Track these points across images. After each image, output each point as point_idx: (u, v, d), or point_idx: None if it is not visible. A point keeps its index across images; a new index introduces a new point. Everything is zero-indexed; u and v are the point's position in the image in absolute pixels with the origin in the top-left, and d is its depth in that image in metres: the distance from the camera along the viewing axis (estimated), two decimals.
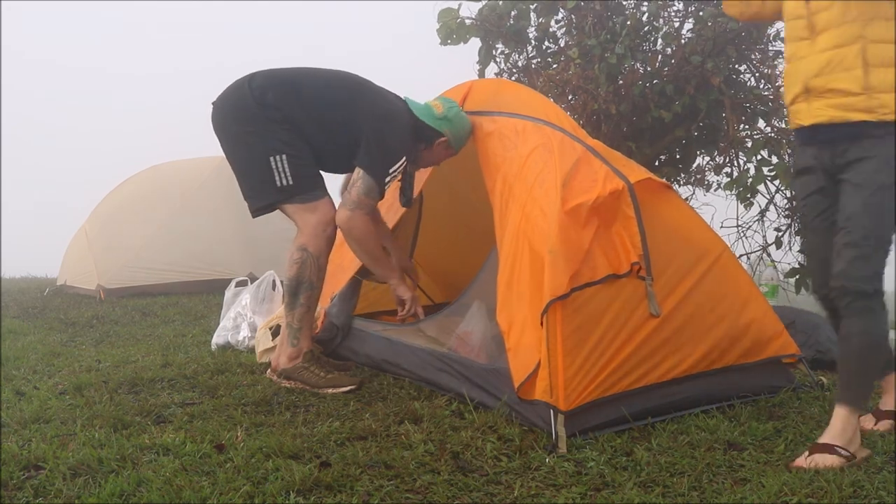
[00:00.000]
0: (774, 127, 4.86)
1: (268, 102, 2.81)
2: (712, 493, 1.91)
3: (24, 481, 1.93)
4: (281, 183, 2.79)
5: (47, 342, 4.11)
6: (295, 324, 2.90)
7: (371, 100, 2.91)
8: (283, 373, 2.89)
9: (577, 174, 2.63)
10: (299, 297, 2.87)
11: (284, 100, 2.83)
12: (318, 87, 2.91)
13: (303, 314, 2.90)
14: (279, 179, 2.79)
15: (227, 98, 2.91)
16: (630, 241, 2.54)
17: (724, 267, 2.75)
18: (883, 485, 1.95)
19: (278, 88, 2.85)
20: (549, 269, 2.37)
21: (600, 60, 4.81)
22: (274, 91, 2.83)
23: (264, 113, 2.80)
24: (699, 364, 2.55)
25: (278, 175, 2.78)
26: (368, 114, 2.85)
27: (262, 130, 2.80)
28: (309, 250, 2.83)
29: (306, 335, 2.93)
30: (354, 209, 2.79)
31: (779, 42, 4.89)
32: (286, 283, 2.88)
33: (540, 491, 1.90)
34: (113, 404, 2.61)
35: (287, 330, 2.92)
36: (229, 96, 2.90)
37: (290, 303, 2.89)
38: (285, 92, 2.85)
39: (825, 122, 2.23)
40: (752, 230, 5.31)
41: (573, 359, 2.28)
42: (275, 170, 2.78)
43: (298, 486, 1.88)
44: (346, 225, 2.81)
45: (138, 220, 6.32)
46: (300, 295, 2.87)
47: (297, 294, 2.87)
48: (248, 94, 2.83)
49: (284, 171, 2.78)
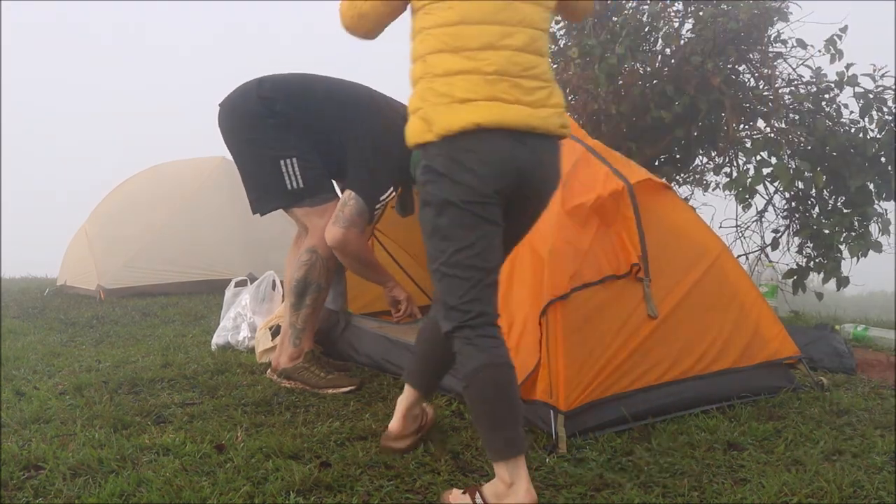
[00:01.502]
0: (774, 127, 4.87)
1: (277, 110, 2.82)
2: (712, 494, 1.91)
3: (24, 481, 1.93)
4: (292, 186, 2.80)
5: (47, 342, 4.11)
6: (299, 324, 2.90)
7: (372, 120, 2.87)
8: (284, 373, 2.89)
9: (576, 174, 2.63)
10: (306, 299, 2.88)
11: (293, 107, 2.84)
12: (325, 96, 2.91)
13: (308, 315, 2.90)
14: (290, 183, 2.80)
15: (235, 102, 2.90)
16: (630, 241, 2.54)
17: (722, 267, 2.76)
18: (883, 485, 1.96)
19: (288, 97, 2.86)
20: (549, 270, 2.37)
21: (600, 61, 4.81)
22: (283, 100, 2.84)
23: (274, 119, 2.82)
24: (698, 365, 2.55)
25: (289, 178, 2.79)
26: (367, 133, 2.84)
27: (273, 135, 2.82)
28: (319, 252, 2.84)
29: (308, 336, 2.93)
30: (349, 227, 2.79)
31: (779, 43, 4.90)
32: (294, 284, 2.88)
33: (540, 491, 1.90)
34: (113, 404, 2.61)
35: (290, 330, 2.92)
36: (237, 100, 2.90)
37: (295, 303, 2.89)
38: (295, 100, 2.86)
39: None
40: (750, 230, 5.32)
41: (573, 359, 2.28)
42: (285, 173, 2.79)
43: (298, 486, 1.88)
44: (341, 243, 2.80)
45: (139, 220, 6.31)
46: (307, 296, 2.87)
47: (304, 295, 2.87)
48: (257, 101, 2.84)
49: (295, 174, 2.79)
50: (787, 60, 4.91)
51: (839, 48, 4.67)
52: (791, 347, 2.83)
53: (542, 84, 1.85)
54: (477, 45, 1.79)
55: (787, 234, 5.13)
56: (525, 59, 1.82)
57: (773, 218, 5.23)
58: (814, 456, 2.15)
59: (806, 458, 2.13)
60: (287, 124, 2.82)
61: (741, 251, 5.27)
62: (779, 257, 5.14)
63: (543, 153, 1.87)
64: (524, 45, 1.82)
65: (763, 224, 5.29)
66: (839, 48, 4.67)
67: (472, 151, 1.77)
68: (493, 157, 1.78)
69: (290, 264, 3.01)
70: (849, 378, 3.16)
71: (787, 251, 5.14)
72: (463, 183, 1.77)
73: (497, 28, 1.80)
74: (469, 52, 1.80)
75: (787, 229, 5.14)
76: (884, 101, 4.57)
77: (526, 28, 1.84)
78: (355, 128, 2.86)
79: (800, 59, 4.86)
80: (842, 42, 4.68)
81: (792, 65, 4.91)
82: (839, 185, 4.75)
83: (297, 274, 2.86)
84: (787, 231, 5.13)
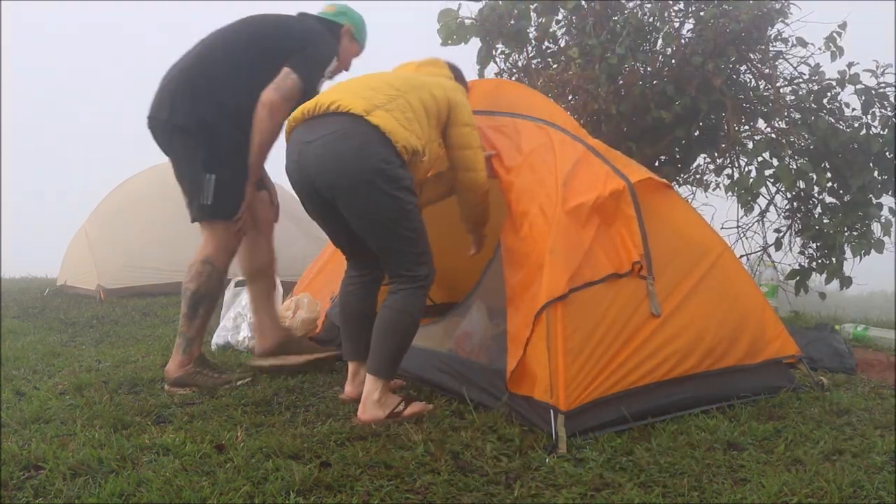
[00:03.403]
0: (775, 127, 4.86)
1: (230, 108, 2.84)
2: (712, 494, 1.91)
3: (24, 481, 1.93)
4: (205, 201, 2.84)
5: (47, 342, 4.11)
6: (190, 333, 2.91)
7: (292, 26, 3.00)
8: (177, 381, 2.88)
9: (577, 174, 2.63)
10: (199, 310, 2.90)
11: (239, 98, 2.85)
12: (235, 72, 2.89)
13: (200, 325, 2.92)
14: (203, 197, 2.84)
15: (174, 108, 2.86)
16: (631, 240, 2.54)
17: (724, 267, 2.75)
18: (883, 485, 1.96)
19: (235, 89, 2.85)
20: (548, 270, 2.37)
21: (600, 60, 4.81)
22: (232, 94, 2.85)
23: (220, 125, 2.84)
24: (700, 364, 2.55)
25: (204, 193, 2.84)
26: (297, 39, 2.92)
27: (203, 144, 2.83)
28: (214, 265, 2.89)
29: (198, 344, 2.95)
30: (286, 99, 2.81)
31: (779, 43, 4.89)
32: (190, 294, 2.89)
33: (540, 491, 1.90)
34: (113, 404, 2.61)
35: (180, 339, 2.92)
36: (179, 104, 2.85)
37: (189, 314, 2.90)
38: (240, 87, 2.86)
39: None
40: (752, 231, 5.32)
41: (574, 358, 2.28)
42: (204, 187, 2.83)
43: (298, 486, 1.88)
44: (275, 106, 2.81)
45: (139, 220, 6.31)
46: (201, 307, 2.90)
47: (197, 306, 2.89)
48: (210, 102, 2.84)
49: (209, 190, 2.83)
50: (788, 59, 4.91)
51: (839, 45, 4.68)
52: (792, 347, 2.83)
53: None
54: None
55: (790, 234, 5.13)
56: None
57: (774, 218, 5.23)
58: (814, 456, 2.15)
59: (806, 458, 2.13)
60: (213, 134, 2.84)
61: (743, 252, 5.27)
62: (781, 258, 5.14)
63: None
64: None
65: (765, 224, 5.29)
66: (839, 45, 4.68)
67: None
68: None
69: (237, 256, 3.07)
70: (849, 378, 3.16)
71: (790, 251, 5.14)
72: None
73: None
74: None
75: (788, 229, 5.13)
76: (886, 97, 4.57)
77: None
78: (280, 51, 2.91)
79: (800, 57, 4.86)
80: (841, 39, 4.68)
81: (792, 63, 4.91)
82: (841, 184, 4.75)
83: (190, 284, 2.89)
84: (789, 231, 5.13)
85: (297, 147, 2.50)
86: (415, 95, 2.52)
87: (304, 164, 2.47)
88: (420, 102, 2.52)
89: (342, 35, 3.12)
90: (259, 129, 2.85)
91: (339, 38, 3.11)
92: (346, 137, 2.38)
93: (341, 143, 2.38)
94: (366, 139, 2.38)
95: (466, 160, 2.63)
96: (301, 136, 2.49)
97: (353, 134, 2.38)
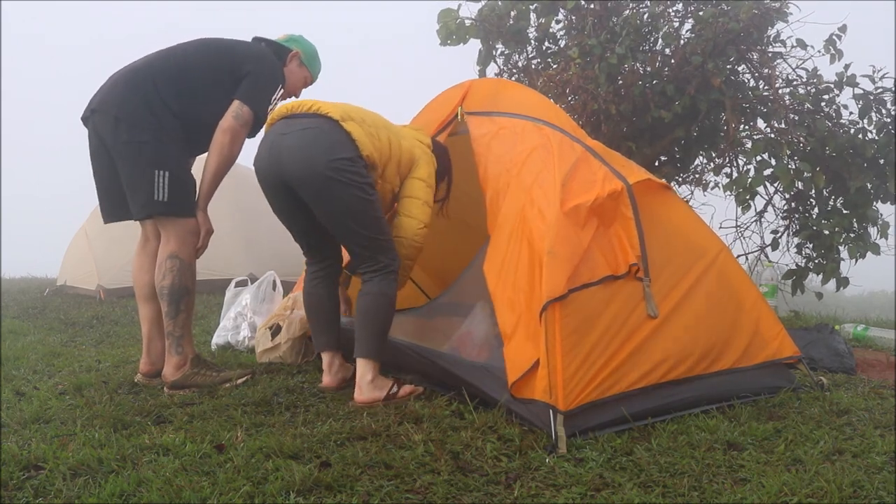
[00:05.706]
0: (774, 128, 4.87)
1: (174, 110, 2.85)
2: (712, 494, 1.91)
3: (24, 481, 1.93)
4: (158, 198, 2.82)
5: (47, 342, 4.11)
6: (177, 331, 2.90)
7: (243, 49, 3.02)
8: (175, 384, 2.88)
9: (576, 175, 2.63)
10: (181, 304, 2.89)
11: (183, 104, 2.86)
12: (202, 75, 2.93)
13: (184, 320, 2.92)
14: (157, 194, 2.82)
15: (125, 102, 2.83)
16: (628, 241, 2.54)
17: (722, 267, 2.75)
18: (883, 485, 1.96)
19: (179, 93, 2.86)
20: (547, 270, 2.36)
21: (600, 60, 4.82)
22: (177, 98, 2.86)
23: (166, 122, 2.83)
24: (699, 365, 2.55)
25: (157, 190, 2.82)
26: (246, 59, 2.96)
27: (158, 139, 2.81)
28: (181, 258, 2.89)
29: (188, 340, 2.94)
30: (243, 126, 2.91)
31: (778, 43, 4.90)
32: (168, 291, 2.87)
33: (540, 491, 1.90)
34: (113, 404, 2.61)
35: (169, 340, 2.91)
36: (128, 99, 2.83)
37: (171, 312, 2.88)
38: (185, 96, 2.87)
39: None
40: (749, 231, 5.33)
41: (572, 359, 2.28)
42: (156, 184, 2.81)
43: (298, 486, 1.88)
44: (233, 135, 2.89)
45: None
46: (182, 301, 2.90)
47: (179, 301, 2.89)
48: (157, 101, 2.82)
49: (164, 187, 2.82)
50: (787, 60, 4.91)
51: (839, 48, 4.68)
52: (791, 347, 2.83)
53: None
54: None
55: (787, 234, 5.14)
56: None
57: (772, 218, 5.24)
58: (814, 456, 2.15)
59: (806, 458, 2.13)
60: (176, 126, 2.86)
61: (741, 251, 5.28)
62: (778, 258, 5.14)
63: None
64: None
65: (762, 224, 5.29)
66: (839, 48, 4.68)
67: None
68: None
69: (142, 270, 3.05)
70: (849, 378, 3.17)
71: (787, 251, 5.14)
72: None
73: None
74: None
75: (786, 230, 5.14)
76: (883, 102, 4.57)
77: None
78: (232, 66, 2.96)
79: (800, 59, 4.87)
80: (841, 42, 4.68)
81: (791, 65, 4.91)
82: (839, 186, 4.76)
83: (165, 281, 2.87)
84: (787, 231, 5.14)
85: (271, 138, 2.73)
86: (384, 133, 2.80)
87: (275, 154, 2.69)
88: (387, 140, 2.79)
89: (290, 59, 3.17)
90: (219, 154, 2.91)
91: (286, 63, 3.15)
92: (319, 132, 2.64)
93: (314, 137, 2.64)
94: (337, 139, 2.65)
95: (409, 206, 2.85)
96: (278, 129, 2.74)
97: (327, 131, 2.65)
